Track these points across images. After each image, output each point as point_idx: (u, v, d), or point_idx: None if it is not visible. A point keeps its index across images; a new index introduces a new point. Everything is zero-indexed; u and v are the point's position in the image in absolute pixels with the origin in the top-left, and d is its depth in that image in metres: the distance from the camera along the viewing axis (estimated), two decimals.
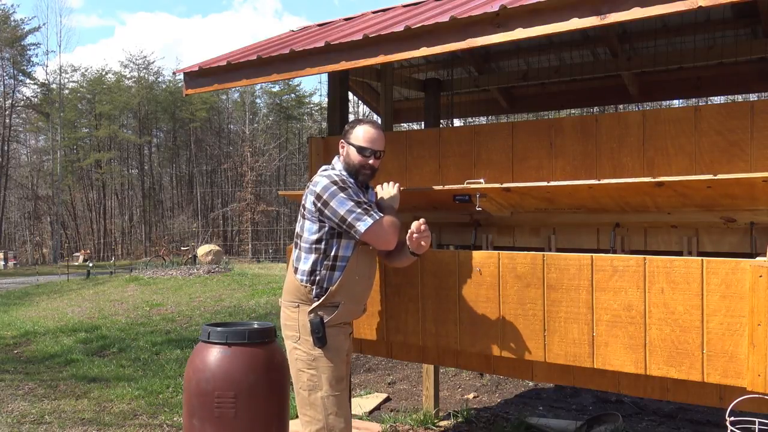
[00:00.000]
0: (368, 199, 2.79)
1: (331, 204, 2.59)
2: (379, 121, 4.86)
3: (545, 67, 4.41)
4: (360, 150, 2.69)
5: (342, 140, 2.75)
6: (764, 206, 2.42)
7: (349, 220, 2.58)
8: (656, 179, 2.34)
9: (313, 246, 2.68)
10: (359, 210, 2.57)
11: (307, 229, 2.70)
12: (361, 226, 2.57)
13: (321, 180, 2.65)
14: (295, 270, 2.74)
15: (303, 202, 2.74)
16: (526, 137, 2.97)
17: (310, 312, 2.67)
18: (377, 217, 2.59)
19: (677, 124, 2.60)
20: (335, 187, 2.60)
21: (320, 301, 2.66)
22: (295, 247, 2.79)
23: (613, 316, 2.47)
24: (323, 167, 2.82)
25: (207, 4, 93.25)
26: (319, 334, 2.63)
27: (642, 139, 2.67)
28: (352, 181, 2.71)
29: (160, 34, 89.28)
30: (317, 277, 2.67)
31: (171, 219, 41.79)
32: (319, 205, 2.63)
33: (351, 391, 2.79)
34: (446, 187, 2.90)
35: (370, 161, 2.71)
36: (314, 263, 2.68)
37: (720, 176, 2.23)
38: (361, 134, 2.70)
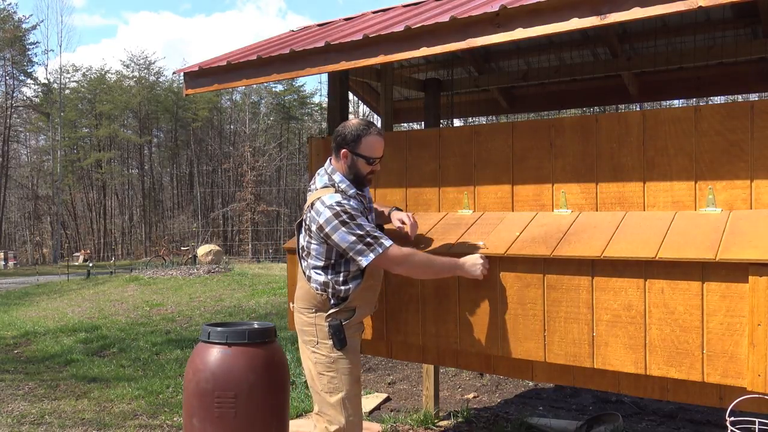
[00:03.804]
0: (367, 199, 2.82)
1: (334, 237, 2.59)
2: (378, 122, 4.86)
3: (545, 67, 4.41)
4: (370, 161, 2.71)
5: (345, 150, 2.68)
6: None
7: (351, 254, 2.59)
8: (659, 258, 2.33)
9: (323, 264, 2.70)
10: (361, 245, 2.56)
11: (315, 249, 2.70)
12: (363, 261, 2.57)
13: (324, 212, 2.60)
14: (309, 279, 2.75)
15: (307, 221, 2.72)
16: (526, 137, 2.97)
17: (328, 316, 2.70)
18: (380, 251, 2.56)
19: (677, 124, 2.60)
20: (337, 221, 2.57)
21: (338, 309, 2.70)
22: (302, 259, 2.80)
23: (613, 316, 2.47)
24: (322, 181, 2.75)
25: (211, 3, 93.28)
26: (341, 336, 2.67)
27: (642, 139, 2.67)
28: (353, 193, 2.69)
29: (163, 34, 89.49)
30: (331, 290, 2.71)
31: (171, 219, 41.81)
32: (322, 235, 2.63)
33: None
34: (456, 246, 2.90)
35: (377, 167, 2.77)
36: (327, 278, 2.71)
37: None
38: (370, 145, 2.69)
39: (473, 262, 2.67)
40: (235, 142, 43.80)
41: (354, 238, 2.55)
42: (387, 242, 2.58)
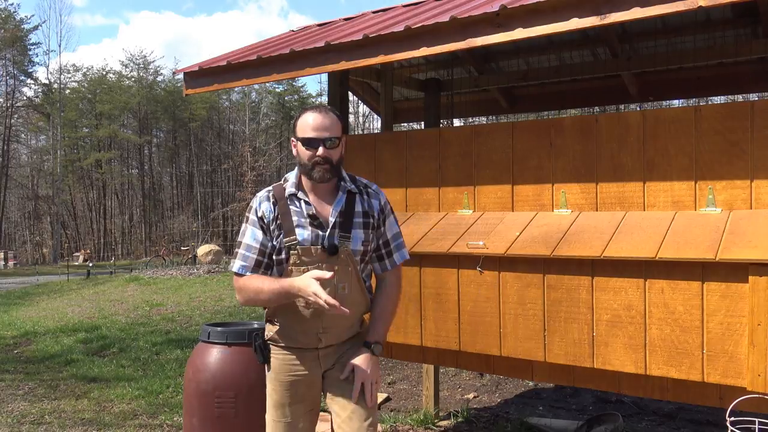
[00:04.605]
0: (333, 209, 2.24)
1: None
2: (378, 122, 4.86)
3: (545, 67, 4.41)
4: (306, 143, 2.21)
5: (292, 138, 2.30)
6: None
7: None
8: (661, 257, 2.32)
9: None
10: (237, 250, 2.28)
11: None
12: (231, 268, 2.29)
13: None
14: None
15: None
16: (526, 137, 2.97)
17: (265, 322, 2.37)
18: (232, 268, 2.27)
19: (677, 124, 2.60)
20: (246, 217, 2.29)
21: (265, 313, 2.36)
22: None
23: (613, 316, 2.47)
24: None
25: (213, 2, 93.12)
26: (258, 342, 2.31)
27: (642, 139, 2.67)
28: (271, 195, 2.27)
29: (164, 33, 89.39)
30: None
31: (171, 219, 41.81)
32: None
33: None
34: (450, 251, 2.88)
35: (319, 152, 2.19)
36: None
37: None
38: (304, 123, 2.23)
39: (301, 285, 2.09)
40: (234, 142, 43.81)
41: (242, 241, 2.28)
42: (237, 263, 2.25)
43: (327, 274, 2.06)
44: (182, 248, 26.71)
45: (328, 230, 2.21)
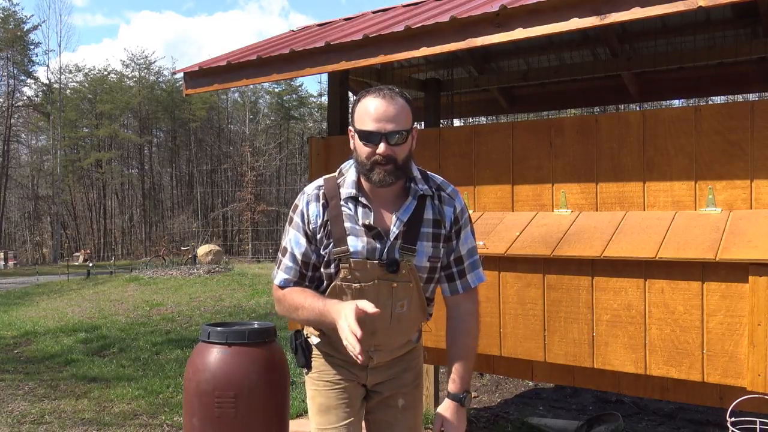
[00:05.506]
0: (398, 218, 1.87)
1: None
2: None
3: (545, 67, 4.42)
4: (365, 136, 1.78)
5: (349, 127, 1.88)
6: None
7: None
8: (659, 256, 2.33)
9: None
10: (281, 257, 1.97)
11: None
12: (274, 278, 2.01)
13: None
14: None
15: None
16: (526, 137, 2.97)
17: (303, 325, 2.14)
18: (274, 279, 1.99)
19: (677, 124, 2.60)
20: (290, 218, 1.96)
21: None
22: None
23: (613, 316, 2.47)
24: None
25: (213, 2, 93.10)
26: (299, 340, 2.07)
27: (642, 139, 2.67)
28: (319, 193, 1.91)
29: (165, 33, 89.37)
30: None
31: (171, 219, 41.80)
32: None
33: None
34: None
35: (380, 149, 1.76)
36: None
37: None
38: (363, 112, 1.78)
39: (336, 316, 1.75)
40: (234, 142, 43.84)
41: (282, 248, 1.97)
42: (280, 275, 1.96)
43: (370, 309, 1.69)
44: (182, 248, 26.69)
45: (389, 242, 1.84)
